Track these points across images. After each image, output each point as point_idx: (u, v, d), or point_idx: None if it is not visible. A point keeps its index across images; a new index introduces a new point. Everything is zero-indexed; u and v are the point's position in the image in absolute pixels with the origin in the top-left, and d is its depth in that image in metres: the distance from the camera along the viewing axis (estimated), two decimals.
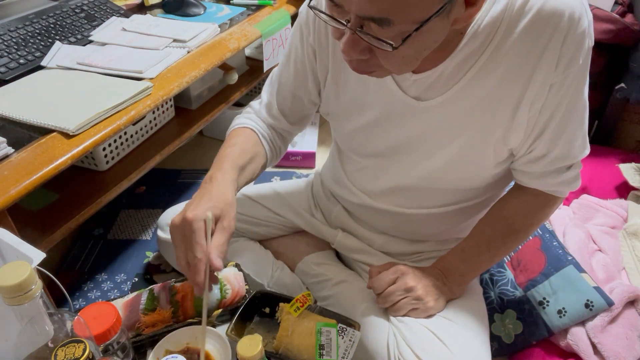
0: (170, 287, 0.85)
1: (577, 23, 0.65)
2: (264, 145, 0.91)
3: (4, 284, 0.50)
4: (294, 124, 0.95)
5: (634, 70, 1.40)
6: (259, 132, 0.90)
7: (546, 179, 0.79)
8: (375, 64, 0.63)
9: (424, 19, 0.55)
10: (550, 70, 0.67)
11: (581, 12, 0.65)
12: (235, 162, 0.81)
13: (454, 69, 0.71)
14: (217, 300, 0.84)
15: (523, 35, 0.66)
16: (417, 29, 0.56)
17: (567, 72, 0.68)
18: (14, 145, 0.82)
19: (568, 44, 0.66)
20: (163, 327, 0.81)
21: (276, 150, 0.95)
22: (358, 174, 0.93)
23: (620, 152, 1.45)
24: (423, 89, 0.75)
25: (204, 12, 1.36)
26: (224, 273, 0.87)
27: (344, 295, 0.93)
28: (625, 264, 1.08)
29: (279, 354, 0.77)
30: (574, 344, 0.91)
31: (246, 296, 0.86)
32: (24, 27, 1.11)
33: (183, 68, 1.08)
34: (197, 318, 0.83)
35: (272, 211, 1.08)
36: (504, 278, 1.08)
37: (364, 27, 0.57)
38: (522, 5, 0.65)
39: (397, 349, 0.80)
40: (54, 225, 0.94)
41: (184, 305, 0.83)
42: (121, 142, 1.13)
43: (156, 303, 0.83)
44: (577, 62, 0.67)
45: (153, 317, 0.81)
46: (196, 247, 0.69)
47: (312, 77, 0.87)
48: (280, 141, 0.95)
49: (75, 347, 0.51)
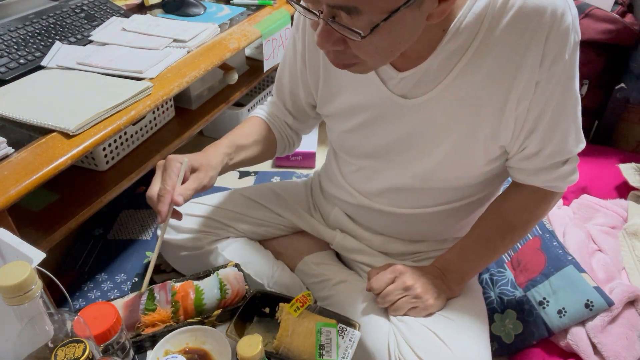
0: (170, 287, 0.85)
1: (561, 19, 0.65)
2: (275, 134, 0.98)
3: (4, 284, 0.50)
4: (301, 121, 1.00)
5: (634, 70, 1.40)
6: (270, 121, 0.98)
7: (542, 175, 0.79)
8: (351, 55, 0.64)
9: (392, 9, 0.56)
10: (535, 67, 0.68)
11: (564, 8, 0.65)
12: (232, 141, 0.91)
13: (438, 67, 0.72)
14: (217, 300, 0.84)
15: (506, 32, 0.66)
16: (385, 19, 0.57)
17: (554, 69, 0.68)
18: (14, 145, 0.82)
19: (552, 41, 0.66)
20: (163, 327, 0.81)
21: (288, 140, 1.01)
22: (353, 175, 0.94)
23: (620, 152, 1.45)
24: (409, 87, 0.76)
25: (204, 12, 1.36)
26: (224, 273, 0.87)
27: (344, 295, 0.93)
28: (625, 264, 1.08)
29: (279, 354, 0.77)
30: (574, 344, 0.91)
31: (246, 296, 0.86)
32: (24, 27, 1.11)
33: (183, 68, 1.08)
34: (197, 318, 0.83)
35: (272, 211, 1.08)
36: (504, 278, 1.08)
37: (335, 17, 0.59)
38: (504, 2, 0.65)
39: (397, 349, 0.80)
40: (54, 225, 0.94)
41: (184, 304, 0.83)
42: (121, 142, 1.13)
43: (156, 303, 0.83)
44: (563, 59, 0.67)
45: (153, 317, 0.81)
46: (167, 180, 0.79)
47: (302, 82, 0.90)
48: (292, 133, 1.02)
49: (75, 347, 0.51)
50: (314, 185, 1.11)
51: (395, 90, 0.77)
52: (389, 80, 0.77)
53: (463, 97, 0.73)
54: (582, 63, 1.39)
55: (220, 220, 1.05)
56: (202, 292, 0.84)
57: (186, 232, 1.04)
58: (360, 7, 0.56)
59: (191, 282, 0.86)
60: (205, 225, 1.04)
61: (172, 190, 0.78)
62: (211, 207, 1.07)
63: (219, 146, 0.89)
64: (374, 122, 0.82)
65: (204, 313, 0.84)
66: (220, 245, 1.03)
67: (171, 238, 1.05)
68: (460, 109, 0.74)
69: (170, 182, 0.79)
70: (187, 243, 1.03)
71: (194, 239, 1.03)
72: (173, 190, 0.79)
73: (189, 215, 1.05)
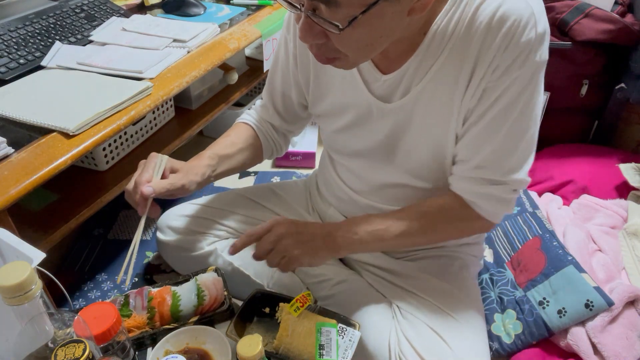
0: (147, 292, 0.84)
1: (522, 31, 0.64)
2: (261, 139, 0.98)
3: (4, 284, 0.50)
4: (291, 123, 1.00)
5: (634, 70, 1.40)
6: (256, 127, 0.98)
7: (466, 183, 0.78)
8: (333, 49, 0.65)
9: (370, 2, 0.57)
10: (488, 73, 0.68)
11: (529, 21, 0.64)
12: (216, 152, 0.91)
13: (415, 70, 0.73)
14: (193, 307, 0.84)
15: (475, 38, 0.67)
16: (364, 12, 0.58)
17: (504, 79, 0.67)
18: (14, 145, 0.82)
19: (509, 51, 0.65)
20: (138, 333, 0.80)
21: (275, 146, 1.01)
22: (346, 174, 0.95)
23: (620, 152, 1.45)
24: (391, 89, 0.77)
25: (204, 12, 1.36)
26: (203, 279, 0.87)
27: (344, 295, 0.93)
28: (625, 264, 1.08)
29: (279, 354, 0.77)
30: (574, 344, 0.91)
31: (224, 302, 0.85)
32: (24, 27, 1.11)
33: (183, 68, 1.08)
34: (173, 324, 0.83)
35: (271, 211, 1.08)
36: (504, 278, 1.08)
37: (316, 10, 0.60)
38: (477, 8, 0.66)
39: (398, 348, 0.80)
40: (54, 225, 0.94)
41: (160, 310, 0.82)
42: (121, 142, 1.13)
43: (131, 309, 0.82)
44: (516, 71, 0.67)
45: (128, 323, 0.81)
46: (143, 173, 0.81)
47: (294, 82, 0.91)
48: (280, 138, 1.01)
49: (75, 347, 0.51)
50: (311, 185, 1.11)
51: (377, 92, 0.79)
52: (372, 82, 0.78)
53: (437, 99, 0.73)
54: (582, 63, 1.42)
55: (220, 221, 1.05)
56: (179, 299, 0.84)
57: (185, 234, 1.04)
58: (339, 0, 0.57)
59: (168, 288, 0.86)
60: (205, 226, 1.04)
61: (145, 183, 0.79)
62: (210, 208, 1.07)
63: (201, 158, 0.89)
64: (359, 123, 0.84)
65: (180, 320, 0.83)
66: (219, 245, 1.03)
67: (170, 239, 1.05)
68: (435, 111, 0.75)
69: (146, 175, 0.81)
70: (187, 244, 1.03)
71: (193, 240, 1.03)
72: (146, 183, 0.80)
73: (189, 216, 1.05)
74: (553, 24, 1.43)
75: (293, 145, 1.66)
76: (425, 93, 0.74)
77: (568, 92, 1.47)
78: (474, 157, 0.75)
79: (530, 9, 0.64)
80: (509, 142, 0.73)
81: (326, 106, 0.88)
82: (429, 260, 0.93)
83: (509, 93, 0.69)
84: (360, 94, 0.80)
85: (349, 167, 0.92)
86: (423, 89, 0.74)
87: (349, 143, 0.88)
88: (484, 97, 0.70)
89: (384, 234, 0.81)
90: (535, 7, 0.65)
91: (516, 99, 0.69)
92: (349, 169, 0.93)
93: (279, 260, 0.79)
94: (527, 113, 0.71)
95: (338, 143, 0.91)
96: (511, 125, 0.71)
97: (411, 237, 0.82)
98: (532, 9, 0.64)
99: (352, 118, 0.84)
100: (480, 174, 0.76)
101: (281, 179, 1.58)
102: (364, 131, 0.84)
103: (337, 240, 0.81)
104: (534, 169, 1.46)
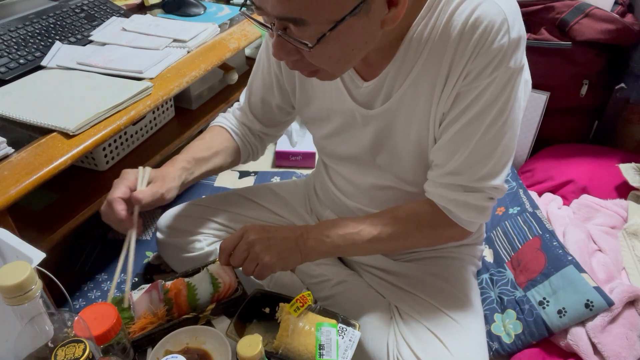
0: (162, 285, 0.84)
1: (494, 36, 0.64)
2: (237, 141, 0.98)
3: (4, 284, 0.50)
4: (269, 126, 1.00)
5: (634, 70, 1.40)
6: (232, 130, 0.98)
7: (439, 188, 0.77)
8: (308, 64, 0.65)
9: (337, 19, 0.57)
10: (460, 78, 0.68)
11: (502, 26, 0.64)
12: (191, 155, 0.90)
13: (395, 76, 0.73)
14: (210, 295, 0.84)
15: (450, 43, 0.67)
16: (332, 29, 0.58)
17: (476, 84, 0.67)
18: (14, 145, 0.82)
19: (480, 56, 0.65)
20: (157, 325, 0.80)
21: (251, 149, 1.01)
22: (338, 178, 0.95)
23: (620, 152, 1.44)
24: (373, 95, 0.77)
25: (204, 12, 1.36)
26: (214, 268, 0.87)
27: (344, 295, 0.93)
28: (625, 264, 1.08)
29: (279, 354, 0.77)
30: (574, 344, 0.91)
31: (238, 289, 0.86)
32: (24, 27, 1.11)
33: (183, 68, 1.08)
34: (191, 313, 0.83)
35: (271, 211, 1.08)
36: (504, 278, 1.08)
37: (287, 29, 0.60)
38: (452, 12, 0.66)
39: (396, 349, 0.80)
40: (54, 225, 0.94)
41: (177, 301, 0.82)
42: (121, 142, 1.13)
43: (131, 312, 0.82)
44: (488, 77, 0.66)
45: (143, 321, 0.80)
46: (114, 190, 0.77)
47: (277, 87, 0.91)
48: (256, 141, 1.01)
49: (75, 347, 0.51)
50: (310, 187, 1.11)
51: (359, 99, 0.79)
52: (354, 89, 0.79)
53: (417, 103, 0.73)
54: (582, 63, 1.42)
55: (220, 221, 1.05)
56: (195, 288, 0.84)
57: (185, 234, 1.04)
58: (306, 18, 0.57)
59: (182, 280, 0.86)
60: (205, 226, 1.04)
61: (117, 198, 0.76)
62: (210, 208, 1.07)
63: (176, 162, 0.87)
64: (345, 129, 0.84)
65: (197, 308, 0.84)
66: None
67: (170, 240, 1.05)
68: (416, 115, 0.74)
69: (122, 185, 0.78)
70: (186, 245, 1.03)
71: (193, 240, 1.03)
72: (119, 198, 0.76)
73: (189, 216, 1.05)
74: (553, 24, 1.43)
75: (293, 146, 1.66)
76: (405, 98, 0.74)
77: (568, 92, 1.47)
78: (448, 163, 0.74)
79: (504, 14, 0.64)
80: (483, 148, 0.71)
81: (312, 112, 0.88)
82: (428, 261, 0.93)
83: (483, 99, 0.68)
84: (343, 101, 0.80)
85: (339, 171, 0.93)
86: (403, 94, 0.73)
87: (337, 148, 0.89)
88: (456, 102, 0.70)
89: (356, 237, 0.80)
90: (510, 12, 0.64)
91: (490, 105, 0.68)
92: (339, 173, 0.94)
93: (253, 268, 0.78)
94: (503, 119, 0.70)
95: (327, 148, 0.92)
96: (485, 131, 0.70)
97: (382, 242, 0.80)
98: (505, 15, 0.64)
99: (338, 124, 0.84)
100: (454, 180, 0.75)
101: (281, 179, 1.58)
102: (349, 137, 0.84)
103: (308, 243, 0.79)
104: (534, 169, 1.46)
